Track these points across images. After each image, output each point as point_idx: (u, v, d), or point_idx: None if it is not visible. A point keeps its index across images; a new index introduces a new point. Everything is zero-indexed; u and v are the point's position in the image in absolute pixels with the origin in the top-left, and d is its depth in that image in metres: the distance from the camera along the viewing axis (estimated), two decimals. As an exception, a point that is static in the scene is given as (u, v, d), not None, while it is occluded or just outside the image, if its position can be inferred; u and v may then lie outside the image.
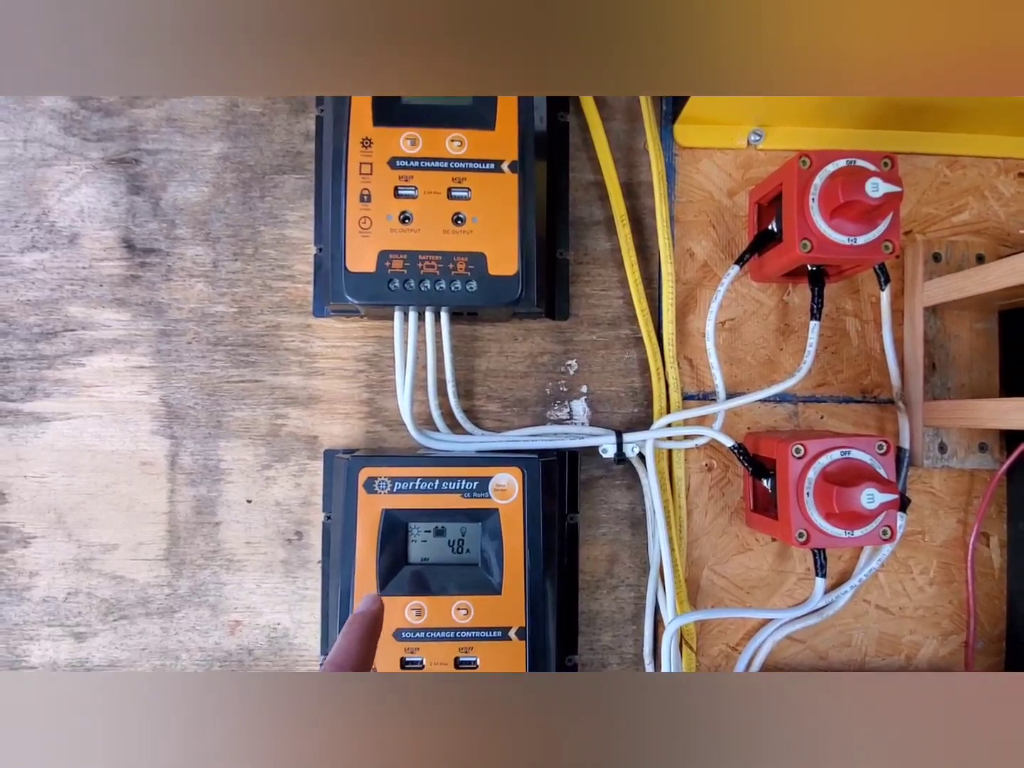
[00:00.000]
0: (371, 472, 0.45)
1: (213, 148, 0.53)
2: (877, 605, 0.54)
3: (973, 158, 0.55)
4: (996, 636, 0.55)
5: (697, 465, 0.53)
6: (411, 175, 0.46)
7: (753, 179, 0.54)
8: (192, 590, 0.51)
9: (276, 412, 0.52)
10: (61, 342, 0.52)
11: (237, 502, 0.52)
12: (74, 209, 0.52)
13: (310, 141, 0.53)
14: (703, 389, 0.54)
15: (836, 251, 0.45)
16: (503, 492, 0.46)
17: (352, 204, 0.45)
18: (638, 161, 0.54)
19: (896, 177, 0.43)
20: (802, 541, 0.45)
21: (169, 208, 0.52)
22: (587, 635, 0.53)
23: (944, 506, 0.54)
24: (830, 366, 0.54)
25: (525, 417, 0.53)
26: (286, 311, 0.52)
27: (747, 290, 0.54)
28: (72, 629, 0.51)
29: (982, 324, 0.52)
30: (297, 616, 0.52)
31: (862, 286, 0.54)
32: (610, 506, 0.53)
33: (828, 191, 0.44)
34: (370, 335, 0.53)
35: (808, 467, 0.45)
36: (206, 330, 0.52)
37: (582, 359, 0.54)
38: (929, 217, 0.55)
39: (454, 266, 0.46)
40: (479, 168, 0.46)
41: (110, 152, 0.52)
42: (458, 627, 0.45)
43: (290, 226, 0.53)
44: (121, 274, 0.52)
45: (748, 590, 0.53)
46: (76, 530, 0.51)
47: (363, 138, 0.46)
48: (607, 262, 0.54)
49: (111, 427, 0.51)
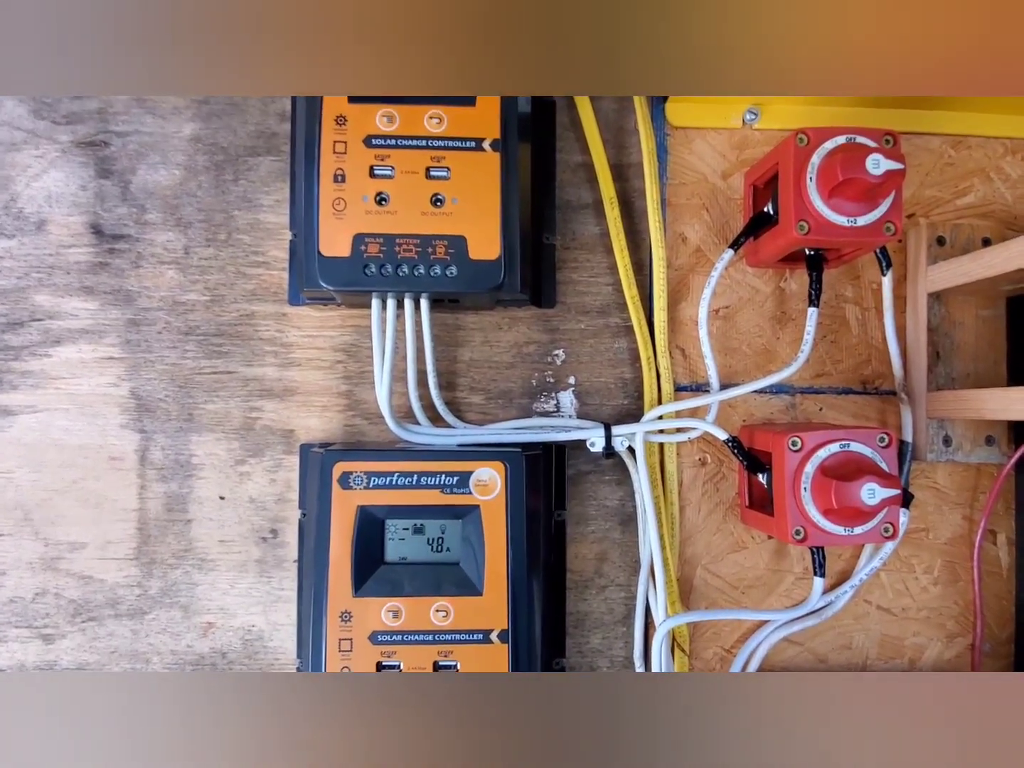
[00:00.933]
0: (346, 467, 0.43)
1: (184, 129, 0.50)
2: (879, 606, 0.52)
3: (979, 138, 0.53)
4: (1004, 639, 0.52)
5: (690, 459, 0.51)
6: (387, 154, 0.43)
7: (748, 160, 0.52)
8: (163, 591, 0.49)
9: (250, 405, 0.50)
10: (28, 332, 0.50)
11: (210, 499, 0.50)
12: (42, 194, 0.50)
13: (285, 121, 0.50)
14: (696, 380, 0.52)
15: (835, 233, 0.43)
16: (485, 488, 0.44)
17: (325, 185, 0.43)
18: (628, 141, 0.52)
19: (898, 154, 0.41)
20: (799, 539, 0.43)
21: (139, 192, 0.50)
22: (575, 637, 0.51)
23: (949, 502, 0.52)
24: (829, 355, 0.52)
25: (510, 409, 0.51)
26: (260, 299, 0.50)
27: (742, 276, 0.52)
28: (40, 631, 0.49)
29: (988, 311, 0.50)
30: (272, 618, 0.50)
31: (863, 272, 0.52)
32: (599, 502, 0.51)
33: (826, 169, 0.42)
34: (348, 324, 0.50)
35: (805, 461, 0.43)
36: (177, 319, 0.50)
37: (570, 349, 0.51)
38: (933, 199, 0.53)
39: (433, 250, 0.43)
40: (459, 146, 0.44)
41: (79, 135, 0.50)
42: (437, 629, 0.43)
43: (265, 210, 0.50)
44: (89, 261, 0.50)
45: (744, 590, 0.51)
46: (43, 528, 0.49)
47: (337, 115, 0.43)
48: (596, 247, 0.52)
49: (79, 420, 0.49)
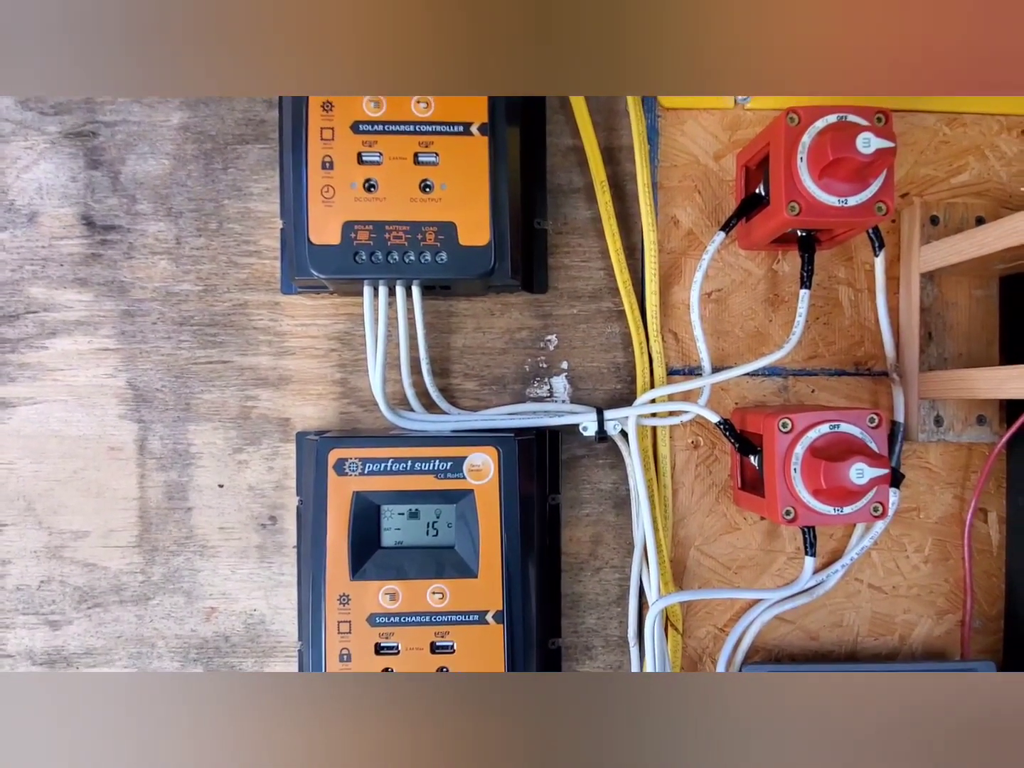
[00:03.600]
0: (341, 453, 0.44)
1: (172, 118, 0.50)
2: (870, 584, 0.52)
3: (974, 115, 0.52)
4: (994, 615, 0.53)
5: (683, 442, 0.52)
6: (375, 140, 0.43)
7: (741, 141, 0.51)
8: (166, 577, 0.50)
9: (246, 394, 0.50)
10: (24, 325, 0.50)
11: (209, 487, 0.50)
12: (32, 186, 0.50)
13: (273, 108, 0.50)
14: (688, 363, 0.52)
15: (826, 213, 0.42)
16: (478, 472, 0.44)
17: (313, 172, 0.43)
18: (619, 124, 0.51)
19: (890, 132, 0.40)
20: (789, 519, 0.43)
21: (129, 182, 0.50)
22: (571, 617, 0.52)
23: (940, 481, 0.52)
24: (822, 337, 0.52)
25: (504, 395, 0.51)
26: (253, 288, 0.50)
27: (734, 259, 0.52)
28: (47, 617, 0.50)
29: (981, 291, 0.50)
30: (274, 602, 0.51)
31: (855, 253, 0.52)
32: (593, 486, 0.52)
33: (817, 149, 0.41)
34: (341, 312, 0.51)
35: (795, 442, 0.43)
36: (171, 310, 0.50)
37: (562, 334, 0.52)
38: (927, 178, 0.52)
39: (423, 236, 0.43)
40: (447, 131, 0.43)
41: (68, 125, 0.50)
42: (434, 611, 0.43)
43: (255, 199, 0.50)
44: (82, 252, 0.50)
45: (736, 570, 0.52)
46: (46, 517, 0.50)
47: (324, 101, 0.43)
48: (587, 231, 0.51)
49: (77, 411, 0.50)
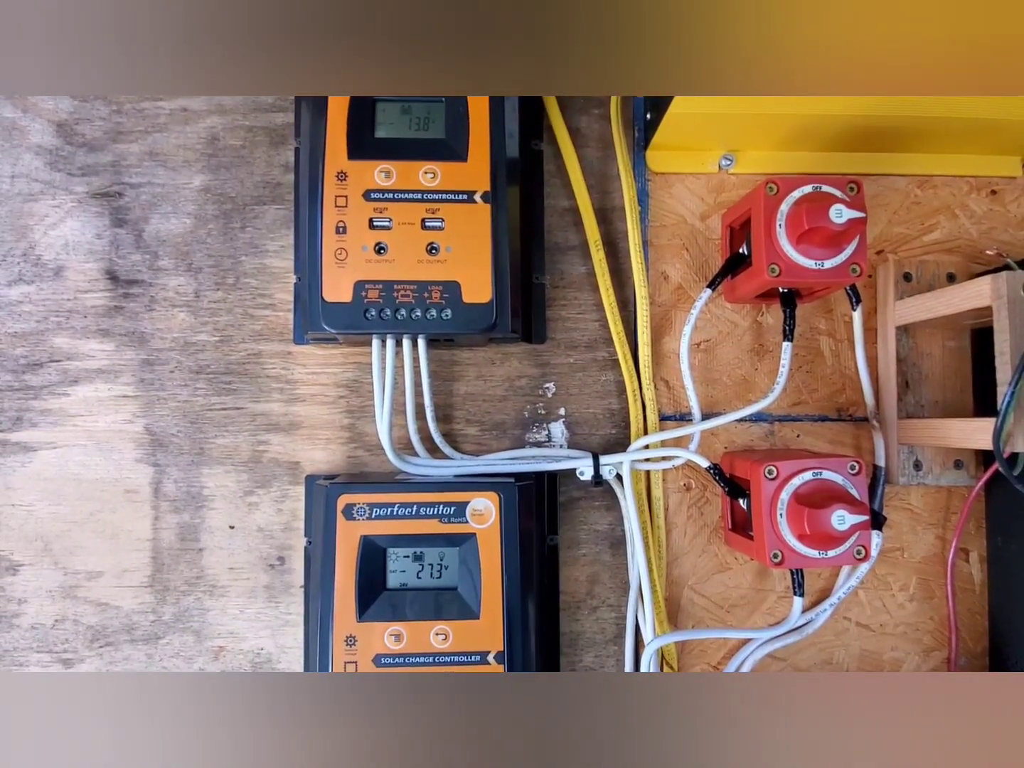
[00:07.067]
0: (350, 499, 0.46)
1: (195, 181, 0.54)
2: (857, 622, 0.54)
3: (944, 177, 0.56)
4: (979, 652, 0.55)
5: (675, 485, 0.54)
6: (385, 207, 0.46)
7: (725, 202, 0.55)
8: (176, 616, 0.52)
9: (258, 439, 0.53)
10: (47, 373, 0.53)
11: (220, 528, 0.52)
12: (59, 242, 0.53)
13: (289, 172, 0.54)
14: (680, 410, 0.55)
15: (804, 275, 0.46)
16: (480, 517, 0.46)
17: (328, 236, 0.46)
18: (612, 187, 0.55)
19: (861, 202, 0.44)
20: (776, 562, 0.45)
21: (152, 240, 0.53)
22: (568, 656, 0.53)
23: (922, 522, 0.55)
24: (805, 385, 0.55)
25: (504, 440, 0.54)
26: (267, 339, 0.53)
27: (721, 311, 0.55)
28: (60, 655, 0.52)
29: (954, 342, 0.53)
30: (280, 641, 0.52)
31: (835, 305, 0.55)
32: (590, 527, 0.54)
33: (794, 217, 0.45)
34: (350, 361, 0.53)
35: (780, 488, 0.45)
36: (188, 359, 0.53)
37: (559, 382, 0.54)
38: (900, 237, 0.56)
39: (429, 295, 0.46)
40: (452, 199, 0.47)
41: (94, 186, 0.53)
42: (437, 652, 0.45)
43: (270, 255, 0.53)
44: (105, 305, 0.53)
45: (728, 609, 0.54)
46: (62, 558, 0.52)
47: (338, 171, 0.47)
48: (583, 286, 0.55)
49: (96, 456, 0.52)
